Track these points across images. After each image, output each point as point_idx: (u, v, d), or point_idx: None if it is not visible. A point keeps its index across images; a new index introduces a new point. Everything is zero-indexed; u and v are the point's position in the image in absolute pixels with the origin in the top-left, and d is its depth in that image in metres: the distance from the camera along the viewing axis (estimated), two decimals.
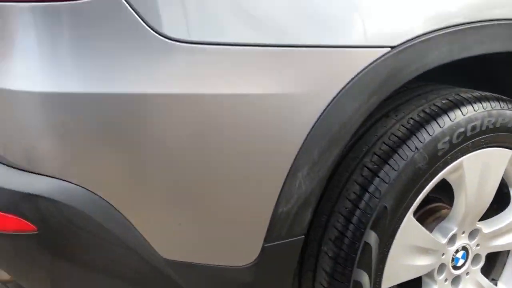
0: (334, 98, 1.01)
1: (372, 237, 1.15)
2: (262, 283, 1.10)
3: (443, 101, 1.23)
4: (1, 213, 0.94)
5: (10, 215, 0.94)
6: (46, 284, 1.03)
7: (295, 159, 1.02)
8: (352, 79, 1.02)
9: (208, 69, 0.93)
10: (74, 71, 0.90)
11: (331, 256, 1.17)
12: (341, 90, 1.01)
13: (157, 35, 0.90)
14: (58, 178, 0.92)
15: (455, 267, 1.37)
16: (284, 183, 1.03)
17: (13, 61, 0.91)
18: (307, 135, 1.01)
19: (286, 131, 1.00)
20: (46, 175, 0.92)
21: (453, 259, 1.35)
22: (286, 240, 1.08)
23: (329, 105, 1.01)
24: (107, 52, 0.90)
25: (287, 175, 1.02)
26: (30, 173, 0.93)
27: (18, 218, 0.94)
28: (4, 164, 0.95)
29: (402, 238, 1.20)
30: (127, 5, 0.88)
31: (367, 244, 1.15)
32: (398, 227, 1.19)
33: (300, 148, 1.01)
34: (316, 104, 1.00)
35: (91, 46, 0.90)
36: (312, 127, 1.01)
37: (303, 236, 1.10)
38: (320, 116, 1.01)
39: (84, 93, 0.90)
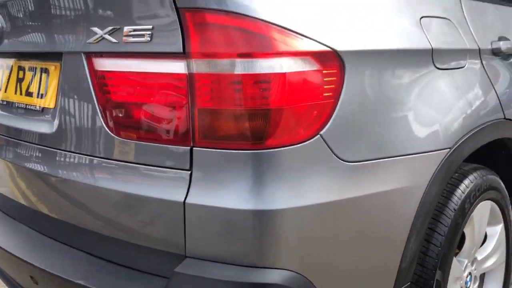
0: (427, 186, 1.52)
1: (440, 275, 1.66)
2: None
3: (456, 174, 1.81)
4: None
5: None
6: None
7: (410, 230, 1.50)
8: (434, 172, 1.55)
9: (368, 177, 1.38)
10: (288, 192, 1.27)
11: None
12: (430, 180, 1.53)
13: (339, 160, 1.33)
14: (286, 270, 1.27)
15: None
16: (405, 247, 1.50)
17: (244, 188, 1.25)
18: (416, 212, 1.51)
19: (406, 212, 1.49)
20: (277, 268, 1.27)
21: (465, 283, 1.92)
22: (403, 287, 1.54)
23: (425, 191, 1.52)
24: (304, 176, 1.29)
25: (406, 241, 1.50)
26: (261, 268, 1.26)
27: None
28: (237, 264, 1.27)
29: (452, 272, 1.73)
30: (326, 144, 1.30)
31: (438, 281, 1.66)
32: (450, 265, 1.72)
33: (413, 222, 1.50)
34: (421, 191, 1.51)
35: (295, 176, 1.28)
36: (418, 207, 1.51)
37: (410, 283, 1.57)
38: (421, 198, 1.51)
39: (316, 204, 1.28)
